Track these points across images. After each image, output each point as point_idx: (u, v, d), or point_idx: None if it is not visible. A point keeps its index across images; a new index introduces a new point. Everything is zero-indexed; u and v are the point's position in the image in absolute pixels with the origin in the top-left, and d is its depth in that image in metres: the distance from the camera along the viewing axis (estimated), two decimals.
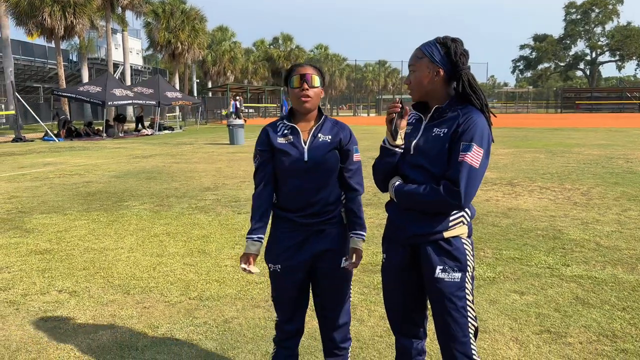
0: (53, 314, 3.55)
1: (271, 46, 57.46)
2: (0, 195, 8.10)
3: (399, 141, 2.03)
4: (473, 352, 2.00)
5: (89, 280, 4.19)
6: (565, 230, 5.49)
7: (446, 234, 1.96)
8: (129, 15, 35.73)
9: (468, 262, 1.98)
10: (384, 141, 2.08)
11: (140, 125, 25.19)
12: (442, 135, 1.93)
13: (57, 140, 20.39)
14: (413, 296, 2.13)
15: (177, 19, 36.22)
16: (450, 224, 1.96)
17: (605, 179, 8.72)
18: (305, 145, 2.23)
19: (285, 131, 2.27)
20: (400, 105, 1.98)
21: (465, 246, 1.99)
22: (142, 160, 12.95)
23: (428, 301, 2.14)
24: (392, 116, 1.99)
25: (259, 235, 2.30)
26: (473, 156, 1.86)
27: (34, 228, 5.92)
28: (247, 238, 2.31)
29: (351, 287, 2.46)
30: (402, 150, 2.05)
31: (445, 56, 1.94)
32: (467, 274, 1.98)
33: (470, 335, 1.99)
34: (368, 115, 54.09)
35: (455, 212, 1.96)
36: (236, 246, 5.06)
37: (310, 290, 2.43)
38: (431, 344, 2.80)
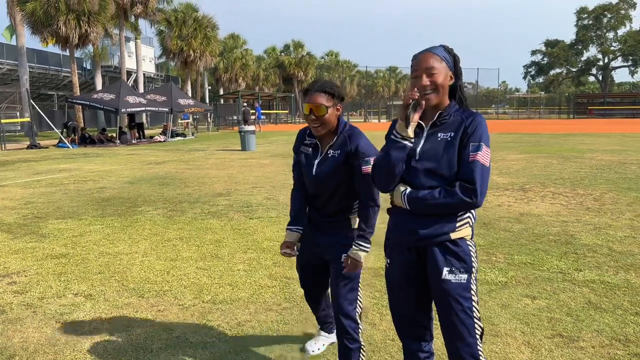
0: (69, 317, 3.61)
1: (282, 53, 57.80)
2: (16, 200, 8.24)
3: (411, 133, 1.99)
4: (480, 352, 2.02)
5: (104, 284, 4.26)
6: (578, 235, 5.47)
7: (453, 235, 1.99)
8: (142, 23, 36.23)
9: (473, 264, 2.02)
10: (392, 133, 2.02)
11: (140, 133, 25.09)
12: (449, 139, 1.97)
13: (71, 147, 20.66)
14: (418, 299, 2.15)
15: (189, 27, 36.58)
16: (457, 225, 1.99)
17: (618, 185, 8.66)
18: (317, 160, 2.48)
19: (309, 142, 2.55)
20: (418, 96, 1.95)
21: (470, 247, 2.03)
22: (155, 166, 13.08)
23: (433, 303, 2.17)
24: (409, 102, 1.93)
25: (298, 227, 2.60)
26: (484, 155, 1.92)
27: (50, 233, 6.02)
28: (287, 228, 2.62)
29: (359, 280, 2.57)
30: (411, 144, 2.00)
31: (452, 63, 2.02)
32: (472, 275, 2.01)
33: (477, 336, 2.01)
34: (379, 121, 54.10)
35: (461, 213, 1.99)
36: (248, 250, 5.11)
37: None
38: (443, 347, 2.81)
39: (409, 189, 2.01)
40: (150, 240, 5.62)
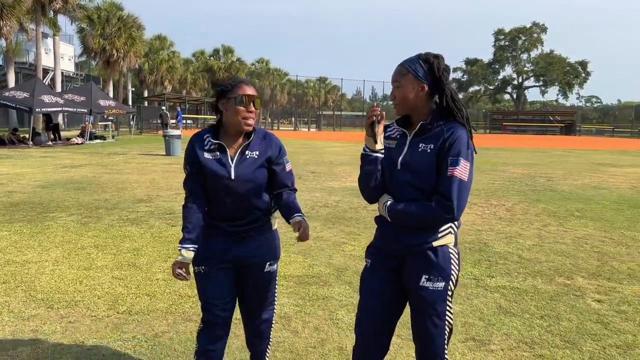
0: None
1: (211, 57, 56.85)
2: None
3: (379, 145, 2.04)
4: (445, 353, 2.11)
5: (9, 294, 3.96)
6: (491, 243, 5.77)
7: (435, 243, 2.02)
8: (62, 19, 34.34)
9: (452, 271, 2.05)
10: (364, 149, 2.09)
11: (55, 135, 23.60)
12: (429, 151, 1.98)
13: None
14: (390, 307, 2.15)
15: (113, 26, 35.12)
16: (440, 234, 2.03)
17: (528, 196, 9.25)
18: (232, 162, 2.25)
19: (212, 147, 2.28)
20: (379, 110, 2.01)
21: (451, 255, 2.05)
22: (70, 170, 12.39)
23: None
24: (373, 119, 2.00)
25: (194, 245, 2.27)
26: (461, 170, 1.93)
27: None
28: (180, 247, 2.27)
29: (276, 291, 2.52)
30: (382, 156, 2.05)
31: (428, 72, 1.99)
32: (450, 282, 2.05)
33: (445, 337, 2.09)
34: (308, 130, 54.52)
35: None
36: (169, 259, 4.95)
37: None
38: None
39: (390, 201, 2.02)
40: (63, 248, 5.31)
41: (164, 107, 32.79)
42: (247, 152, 2.28)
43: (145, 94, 48.03)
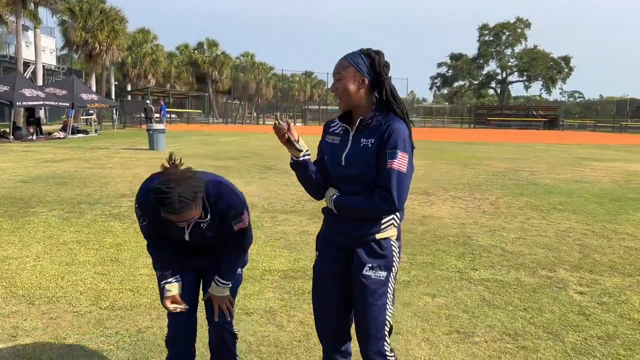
0: None
1: (196, 51, 56.37)
2: None
3: (303, 150, 2.10)
4: (386, 349, 2.10)
5: None
6: (475, 236, 5.82)
7: (378, 236, 2.06)
8: (43, 12, 33.72)
9: (394, 263, 2.10)
10: (291, 159, 2.13)
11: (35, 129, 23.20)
12: (370, 145, 2.01)
13: None
14: (342, 299, 2.19)
15: (95, 19, 34.64)
16: (382, 226, 2.07)
17: (512, 190, 9.34)
18: (187, 229, 2.25)
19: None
20: (285, 122, 2.05)
21: (393, 247, 2.10)
22: (52, 164, 12.21)
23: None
24: (286, 136, 2.04)
25: (176, 277, 2.32)
26: (400, 162, 1.97)
27: None
28: (164, 284, 2.29)
29: (237, 293, 2.52)
30: (309, 157, 2.12)
31: (369, 66, 2.03)
32: (391, 273, 2.09)
33: (385, 333, 2.09)
34: (294, 124, 54.37)
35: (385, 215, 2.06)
36: None
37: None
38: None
39: (336, 195, 2.08)
40: (44, 243, 5.23)
41: (148, 101, 32.42)
42: (202, 224, 2.26)
43: (129, 87, 47.48)
